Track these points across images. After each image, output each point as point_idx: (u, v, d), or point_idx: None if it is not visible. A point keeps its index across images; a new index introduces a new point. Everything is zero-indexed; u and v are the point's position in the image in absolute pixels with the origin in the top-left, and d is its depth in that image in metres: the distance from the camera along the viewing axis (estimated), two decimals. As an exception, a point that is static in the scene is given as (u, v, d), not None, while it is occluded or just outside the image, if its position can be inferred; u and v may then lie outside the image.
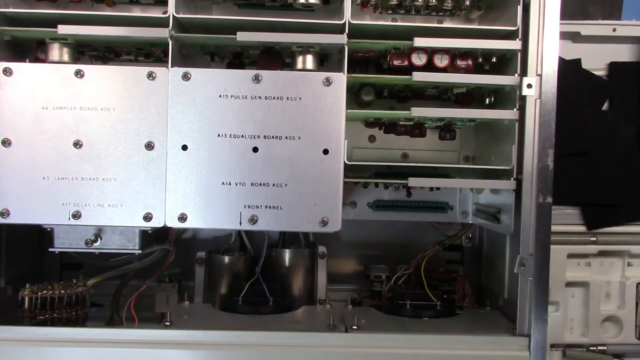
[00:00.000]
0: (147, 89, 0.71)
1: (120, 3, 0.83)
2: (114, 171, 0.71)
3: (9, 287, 0.85)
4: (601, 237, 0.85)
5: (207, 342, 0.70)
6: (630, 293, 0.84)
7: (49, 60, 0.74)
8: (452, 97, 0.87)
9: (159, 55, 0.81)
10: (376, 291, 0.93)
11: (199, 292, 0.92)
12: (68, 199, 0.71)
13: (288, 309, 0.88)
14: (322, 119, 0.72)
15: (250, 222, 0.72)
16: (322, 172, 0.72)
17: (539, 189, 0.72)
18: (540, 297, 0.72)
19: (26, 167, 0.71)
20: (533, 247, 0.72)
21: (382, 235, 0.99)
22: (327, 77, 0.72)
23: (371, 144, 0.92)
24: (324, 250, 0.93)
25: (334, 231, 0.73)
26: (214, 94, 0.71)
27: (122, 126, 0.71)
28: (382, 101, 0.88)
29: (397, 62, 0.77)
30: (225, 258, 0.91)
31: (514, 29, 0.74)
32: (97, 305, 0.86)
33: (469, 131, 0.93)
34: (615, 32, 0.85)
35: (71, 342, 0.70)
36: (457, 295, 0.91)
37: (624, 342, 0.84)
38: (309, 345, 0.71)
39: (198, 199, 0.71)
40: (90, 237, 0.76)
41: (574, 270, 0.85)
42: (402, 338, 0.71)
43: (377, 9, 0.85)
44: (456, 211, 0.93)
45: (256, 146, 0.72)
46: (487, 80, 0.76)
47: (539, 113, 0.72)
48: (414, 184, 0.76)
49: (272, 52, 0.78)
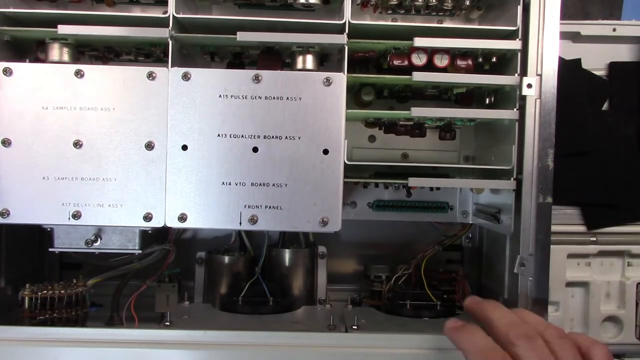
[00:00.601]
0: (147, 89, 0.71)
1: (120, 3, 0.83)
2: (114, 171, 0.71)
3: (9, 287, 0.85)
4: (601, 237, 0.85)
5: (207, 342, 0.70)
6: (630, 293, 0.84)
7: (49, 60, 0.74)
8: (452, 97, 0.87)
9: (159, 55, 0.81)
10: (376, 291, 0.93)
11: (199, 292, 0.92)
12: (68, 199, 0.71)
13: (288, 309, 0.88)
14: (322, 119, 0.72)
15: (250, 222, 0.72)
16: (322, 172, 0.72)
17: (539, 189, 0.72)
18: (540, 297, 0.72)
19: (26, 167, 0.71)
20: (533, 247, 0.72)
21: (382, 235, 0.99)
22: (327, 77, 0.72)
23: (371, 144, 0.92)
24: (324, 250, 0.93)
25: (334, 231, 0.73)
26: (214, 94, 0.71)
27: (122, 126, 0.71)
28: (382, 101, 0.88)
29: (397, 62, 0.77)
30: (225, 258, 0.91)
31: (514, 29, 0.74)
32: (97, 305, 0.87)
33: (469, 131, 0.93)
34: (615, 32, 0.85)
35: (71, 342, 0.70)
36: (457, 295, 0.91)
37: (624, 342, 0.84)
38: (309, 345, 0.71)
39: (198, 199, 0.71)
40: (90, 237, 0.76)
41: (574, 270, 0.85)
42: (402, 338, 0.71)
43: (377, 9, 0.85)
44: (456, 211, 0.93)
45: (256, 146, 0.72)
46: (487, 80, 0.76)
47: (539, 113, 0.72)
48: (414, 184, 0.76)
49: (272, 52, 0.78)
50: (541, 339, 0.59)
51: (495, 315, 0.63)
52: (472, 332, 0.62)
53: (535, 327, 0.61)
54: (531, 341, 0.59)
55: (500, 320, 0.62)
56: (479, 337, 0.61)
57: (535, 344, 0.58)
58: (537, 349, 0.58)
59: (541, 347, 0.58)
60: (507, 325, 0.61)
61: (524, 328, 0.60)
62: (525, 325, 0.61)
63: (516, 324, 0.61)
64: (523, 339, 0.59)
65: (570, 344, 0.60)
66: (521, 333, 0.59)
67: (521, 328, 0.60)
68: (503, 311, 0.64)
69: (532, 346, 0.58)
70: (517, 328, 0.60)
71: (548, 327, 0.62)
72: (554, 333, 0.60)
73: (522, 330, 0.60)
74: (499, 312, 0.63)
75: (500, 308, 0.64)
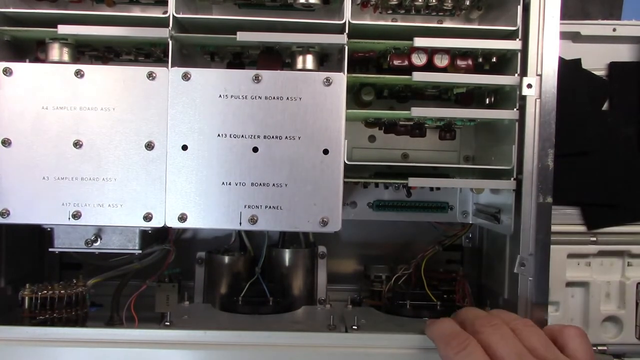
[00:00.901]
0: (147, 89, 0.71)
1: (120, 3, 0.83)
2: (114, 171, 0.71)
3: (9, 287, 0.85)
4: (601, 237, 0.85)
5: (207, 342, 0.70)
6: (630, 293, 0.84)
7: (49, 60, 0.74)
8: (452, 97, 0.87)
9: (159, 55, 0.80)
10: (376, 291, 0.93)
11: (199, 292, 0.92)
12: (68, 199, 0.71)
13: (288, 309, 0.88)
14: (322, 119, 0.72)
15: (250, 222, 0.72)
16: (322, 172, 0.72)
17: (539, 189, 0.72)
18: (540, 297, 0.72)
19: (26, 167, 0.71)
20: (533, 247, 0.72)
21: (382, 235, 0.99)
22: (327, 77, 0.72)
23: (371, 144, 0.92)
24: (324, 250, 0.93)
25: (334, 231, 0.73)
26: (214, 94, 0.71)
27: (122, 126, 0.71)
28: (382, 101, 0.88)
29: (397, 62, 0.77)
30: (225, 258, 0.91)
31: (514, 29, 0.74)
32: (97, 305, 0.87)
33: (469, 131, 0.93)
34: (615, 32, 0.85)
35: (71, 342, 0.70)
36: (457, 295, 0.91)
37: (624, 342, 0.84)
38: (309, 345, 0.71)
39: (198, 199, 0.71)
40: (90, 237, 0.76)
41: (574, 270, 0.85)
42: (402, 338, 0.71)
43: (377, 9, 0.85)
44: (456, 211, 0.93)
45: (256, 146, 0.72)
46: (487, 80, 0.76)
47: (539, 113, 0.72)
48: (414, 184, 0.76)
49: (272, 52, 0.78)
50: (507, 327, 0.61)
51: (467, 314, 0.65)
52: (440, 321, 0.65)
53: (505, 319, 0.62)
54: (496, 327, 0.60)
55: (469, 314, 0.65)
56: (446, 324, 0.64)
57: (499, 329, 0.60)
58: (501, 331, 0.59)
59: (506, 331, 0.60)
60: (474, 317, 0.63)
61: (490, 318, 0.62)
62: (492, 317, 0.63)
63: (484, 316, 0.63)
64: (488, 326, 0.60)
65: (537, 330, 0.61)
66: (486, 322, 0.61)
67: (487, 319, 0.62)
68: (475, 310, 0.67)
69: (496, 330, 0.59)
70: (484, 319, 0.62)
71: (517, 319, 0.64)
72: (521, 322, 0.62)
73: (488, 319, 0.62)
74: (470, 312, 0.66)
75: (472, 309, 0.68)
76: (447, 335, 0.62)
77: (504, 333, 0.59)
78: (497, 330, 0.60)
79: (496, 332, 0.59)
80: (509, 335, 0.59)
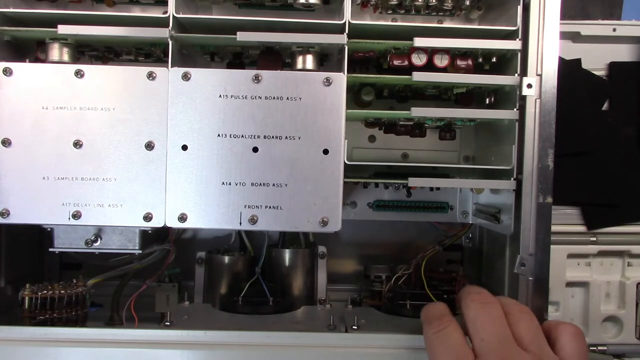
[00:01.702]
0: (147, 89, 0.71)
1: (120, 3, 0.83)
2: (114, 171, 0.71)
3: (9, 287, 0.85)
4: (601, 237, 0.84)
5: (207, 342, 0.70)
6: (630, 293, 0.84)
7: (49, 60, 0.74)
8: (452, 97, 0.87)
9: (159, 55, 0.81)
10: (376, 291, 0.93)
11: (199, 292, 0.92)
12: (68, 199, 0.71)
13: (288, 309, 0.88)
14: (322, 119, 0.72)
15: (250, 222, 0.72)
16: (322, 172, 0.72)
17: (539, 189, 0.72)
18: (540, 297, 0.72)
19: (26, 167, 0.71)
20: (533, 247, 0.72)
21: (382, 235, 0.99)
22: (327, 77, 0.72)
23: (371, 144, 0.92)
24: (324, 250, 0.93)
25: (334, 231, 0.73)
26: (214, 94, 0.71)
27: (122, 126, 0.71)
28: (382, 101, 0.88)
29: (397, 62, 0.77)
30: (225, 258, 0.91)
31: (514, 29, 0.74)
32: (97, 305, 0.87)
33: (469, 131, 0.93)
34: (615, 32, 0.85)
35: (71, 342, 0.70)
36: (457, 295, 0.91)
37: (624, 342, 0.84)
38: (309, 345, 0.71)
39: (198, 199, 0.71)
40: (90, 237, 0.76)
41: (574, 270, 0.85)
42: (402, 338, 0.71)
43: (377, 9, 0.85)
44: (456, 211, 0.93)
45: (256, 146, 0.72)
46: (487, 80, 0.76)
47: (539, 113, 0.72)
48: (414, 184, 0.76)
49: (272, 52, 0.78)
50: (498, 305, 0.59)
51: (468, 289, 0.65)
52: (433, 304, 0.66)
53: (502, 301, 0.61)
54: (486, 305, 0.59)
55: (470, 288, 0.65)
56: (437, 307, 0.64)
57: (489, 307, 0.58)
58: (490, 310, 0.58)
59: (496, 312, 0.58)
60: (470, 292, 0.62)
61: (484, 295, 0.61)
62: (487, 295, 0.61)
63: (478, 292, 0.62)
64: (478, 302, 0.59)
65: (530, 317, 0.60)
66: (479, 298, 0.60)
67: (481, 295, 0.61)
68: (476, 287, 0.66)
69: (485, 308, 0.58)
70: (478, 295, 0.61)
71: (515, 304, 0.62)
72: (517, 307, 0.60)
73: (482, 296, 0.60)
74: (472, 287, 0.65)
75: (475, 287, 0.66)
76: (432, 316, 0.62)
77: (493, 313, 0.58)
78: (486, 309, 0.58)
79: (484, 310, 0.58)
80: (497, 316, 0.58)
